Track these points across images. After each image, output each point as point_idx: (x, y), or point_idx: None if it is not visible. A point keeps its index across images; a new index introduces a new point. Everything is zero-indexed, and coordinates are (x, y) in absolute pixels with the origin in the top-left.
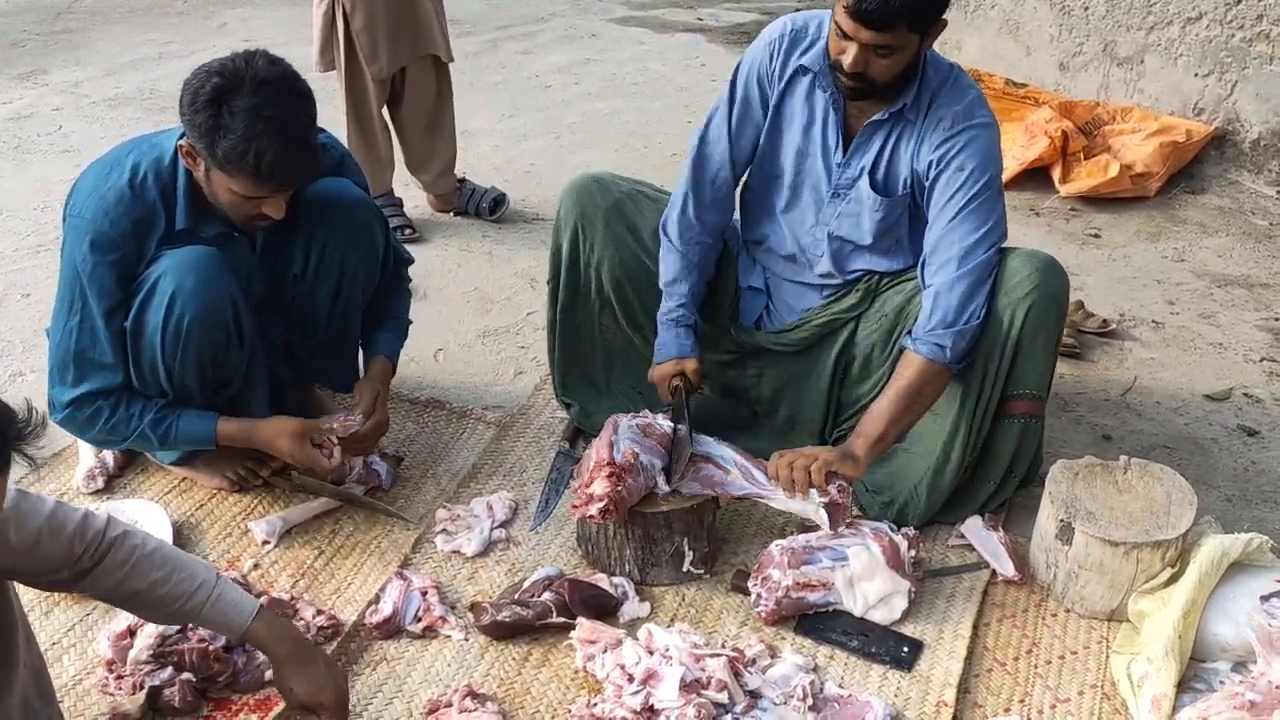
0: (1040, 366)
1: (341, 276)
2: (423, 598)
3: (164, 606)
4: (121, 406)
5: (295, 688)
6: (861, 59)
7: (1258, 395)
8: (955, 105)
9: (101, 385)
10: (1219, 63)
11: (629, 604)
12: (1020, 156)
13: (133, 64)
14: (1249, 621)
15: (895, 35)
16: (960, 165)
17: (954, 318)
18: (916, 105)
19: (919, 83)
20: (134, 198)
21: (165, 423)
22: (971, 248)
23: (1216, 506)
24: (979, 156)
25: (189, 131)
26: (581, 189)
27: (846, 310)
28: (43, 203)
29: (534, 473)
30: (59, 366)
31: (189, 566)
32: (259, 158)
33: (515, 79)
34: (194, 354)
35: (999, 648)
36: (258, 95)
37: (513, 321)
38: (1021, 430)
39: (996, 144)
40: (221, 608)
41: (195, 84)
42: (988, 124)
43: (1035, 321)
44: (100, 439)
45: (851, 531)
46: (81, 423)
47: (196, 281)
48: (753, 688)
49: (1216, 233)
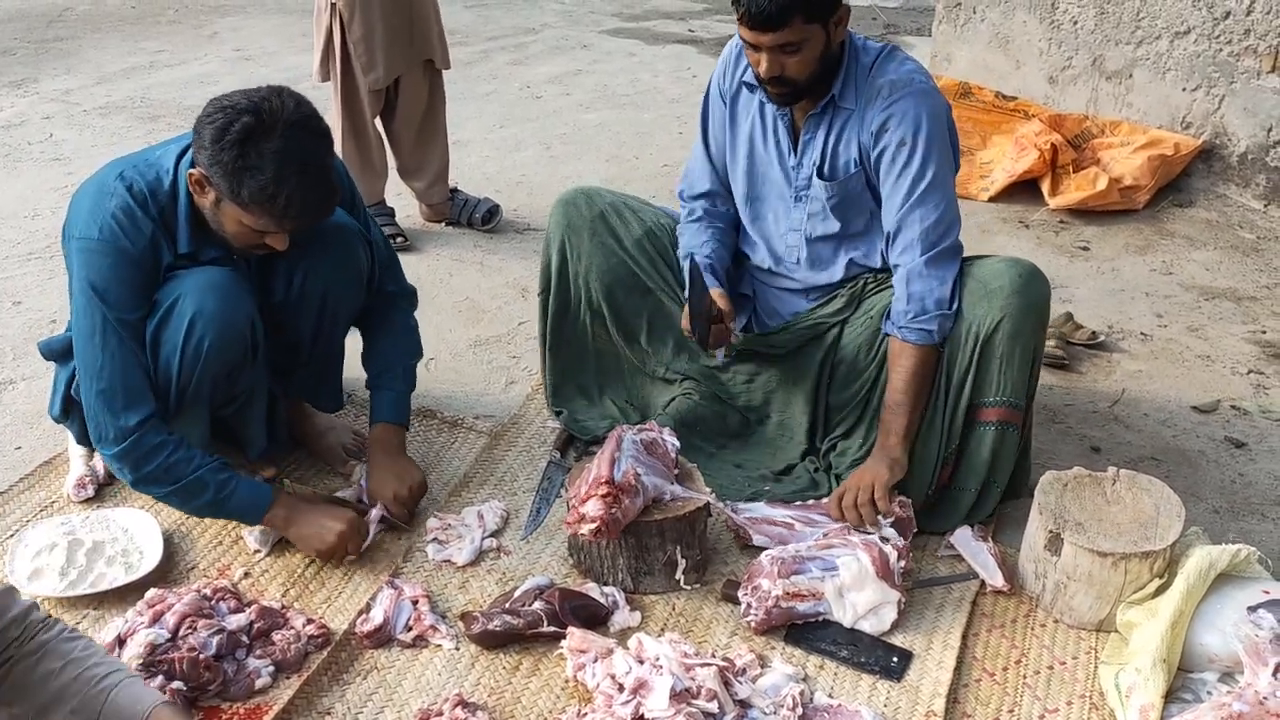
0: (1018, 375)
1: (324, 301)
2: (413, 607)
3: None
4: (183, 447)
5: None
6: (774, 63)
7: (1245, 408)
8: (891, 75)
9: (151, 411)
10: (1206, 77)
11: (619, 613)
12: (1010, 169)
13: (124, 72)
14: (1236, 632)
15: (794, 30)
16: (902, 138)
17: (934, 305)
18: (847, 91)
19: (846, 70)
20: (144, 214)
21: (226, 474)
22: (933, 227)
23: (1204, 518)
24: (919, 124)
25: (208, 165)
26: (569, 202)
27: (832, 314)
28: (33, 211)
29: (525, 482)
30: (107, 396)
31: (106, 657)
32: (288, 201)
33: (507, 89)
34: (210, 375)
35: (988, 658)
36: (287, 139)
37: (504, 331)
38: (997, 438)
39: (936, 109)
40: (130, 694)
41: (221, 120)
42: (926, 90)
43: (1013, 329)
44: (152, 476)
45: (841, 542)
46: (144, 453)
47: (217, 304)
48: (742, 697)
49: (1204, 246)
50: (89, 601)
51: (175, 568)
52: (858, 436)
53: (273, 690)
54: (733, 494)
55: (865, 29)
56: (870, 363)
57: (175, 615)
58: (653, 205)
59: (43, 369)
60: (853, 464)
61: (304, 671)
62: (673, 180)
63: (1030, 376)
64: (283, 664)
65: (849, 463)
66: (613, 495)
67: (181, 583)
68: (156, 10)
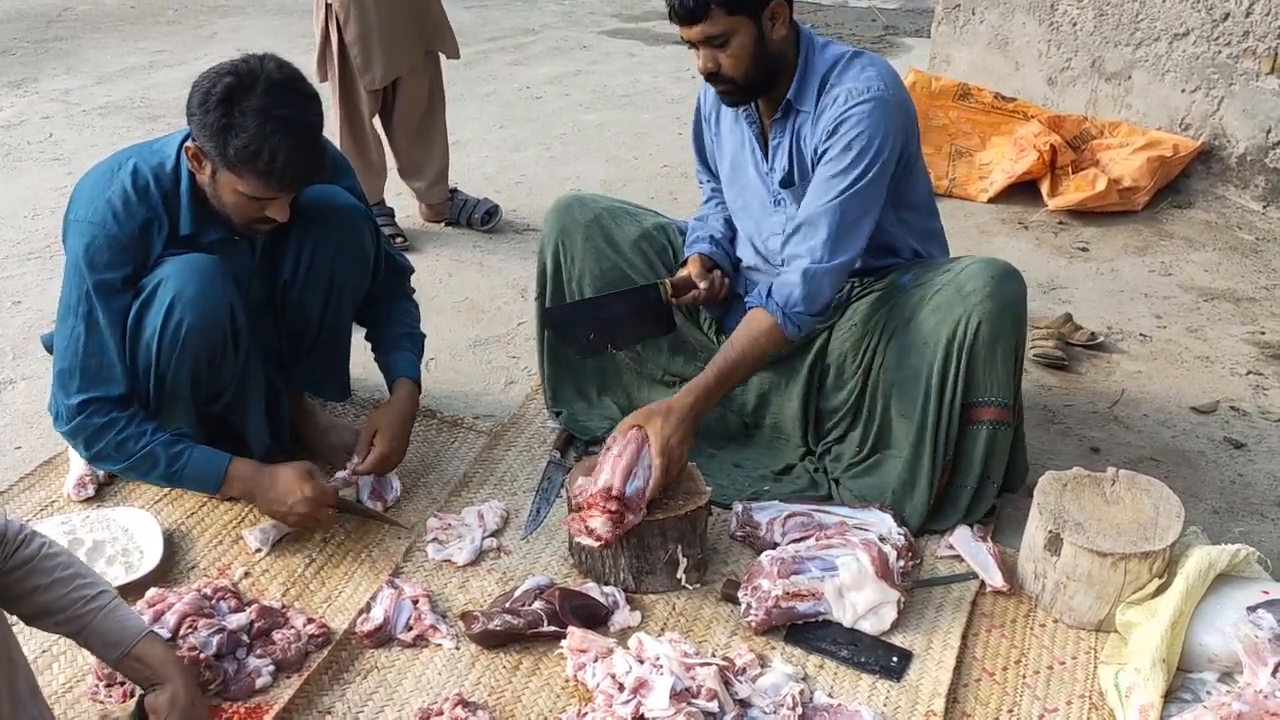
0: (1002, 375)
1: (331, 283)
2: (414, 606)
3: (58, 610)
4: (135, 421)
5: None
6: (708, 58)
7: (1244, 409)
8: (849, 83)
9: (109, 392)
10: (1206, 78)
11: (619, 613)
12: (1009, 170)
13: (123, 72)
14: (1236, 632)
15: (716, 21)
16: (848, 143)
17: (819, 309)
18: (804, 94)
19: (802, 73)
20: (139, 200)
21: (179, 445)
22: (843, 235)
23: (1203, 519)
24: (865, 132)
25: (198, 132)
26: (564, 207)
27: None
28: (33, 210)
29: (525, 482)
30: (65, 374)
31: (92, 575)
32: (271, 157)
33: (506, 90)
34: (189, 361)
35: (987, 658)
36: (269, 96)
37: (504, 331)
38: (990, 437)
39: (891, 122)
40: (116, 619)
41: (205, 84)
42: (883, 100)
43: (992, 331)
44: (104, 453)
45: (841, 542)
46: (91, 432)
47: (196, 289)
48: (743, 696)
49: (1203, 247)
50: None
51: (175, 567)
52: (852, 441)
53: (273, 689)
54: (733, 494)
55: (865, 30)
56: (857, 370)
57: (175, 614)
58: (647, 209)
59: (43, 369)
60: (849, 467)
61: (304, 671)
62: (672, 181)
63: (1015, 373)
64: (283, 663)
65: (844, 466)
66: (620, 513)
67: (182, 582)
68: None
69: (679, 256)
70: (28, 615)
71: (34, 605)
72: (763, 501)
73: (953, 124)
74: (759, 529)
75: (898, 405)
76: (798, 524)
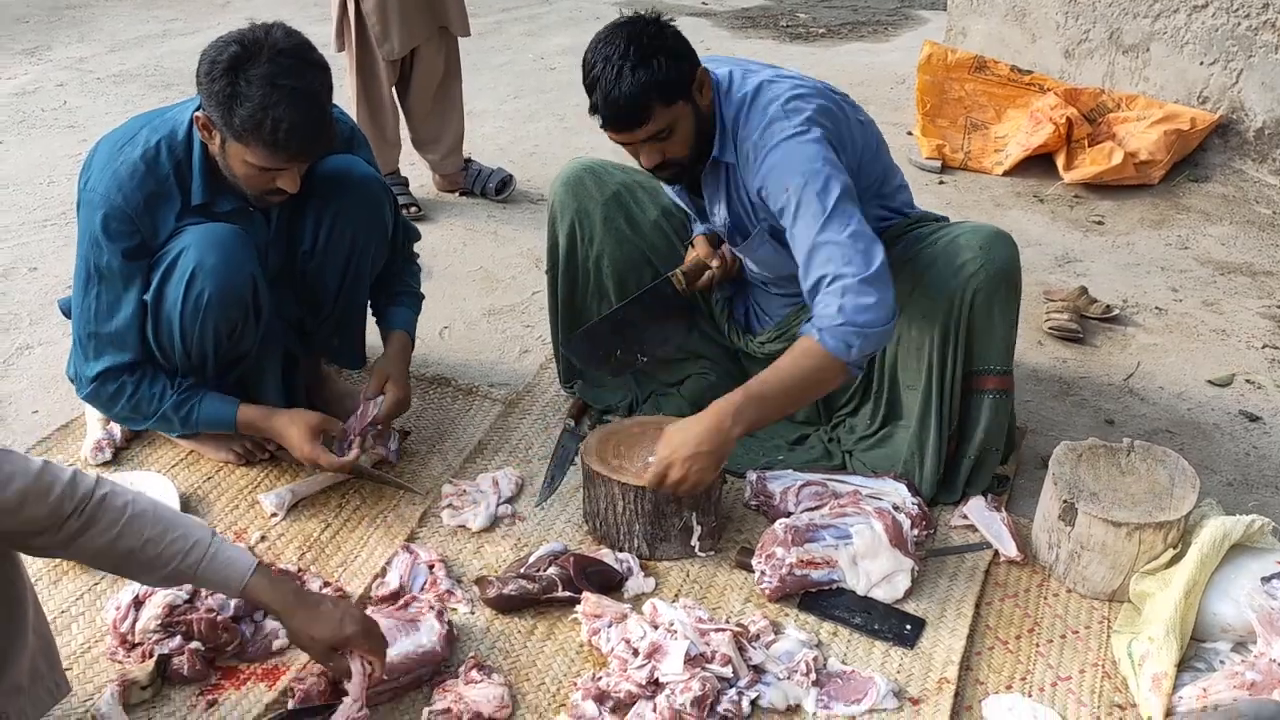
0: (1000, 342)
1: (350, 253)
2: (429, 571)
3: (159, 567)
4: (144, 384)
5: (315, 633)
6: (653, 152)
7: (1259, 381)
8: (752, 135)
9: (120, 360)
10: (1225, 51)
11: (633, 579)
12: (1024, 143)
13: (137, 40)
14: (1250, 602)
15: (658, 119)
16: (785, 196)
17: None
18: (725, 147)
19: (720, 128)
20: (147, 172)
21: (188, 405)
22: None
23: (1218, 491)
24: (791, 174)
25: (205, 101)
26: (575, 181)
27: None
28: (48, 177)
29: (540, 449)
30: (81, 342)
31: (183, 525)
32: (275, 126)
33: (520, 61)
34: (211, 329)
35: (1001, 626)
36: (275, 64)
37: (518, 301)
38: (993, 406)
39: (805, 149)
40: (218, 565)
41: (212, 53)
42: (786, 136)
43: (986, 299)
44: (123, 416)
45: (855, 510)
46: (106, 399)
47: (218, 259)
48: (756, 662)
49: (1220, 221)
50: None
51: None
52: (864, 415)
53: (290, 651)
54: (747, 462)
55: (880, 3)
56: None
57: None
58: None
59: (59, 333)
60: (861, 439)
61: None
62: None
63: (1012, 340)
64: None
65: (857, 438)
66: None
67: None
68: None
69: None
70: (137, 570)
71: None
72: (777, 471)
73: (968, 97)
74: (773, 498)
75: (904, 377)
76: (812, 493)
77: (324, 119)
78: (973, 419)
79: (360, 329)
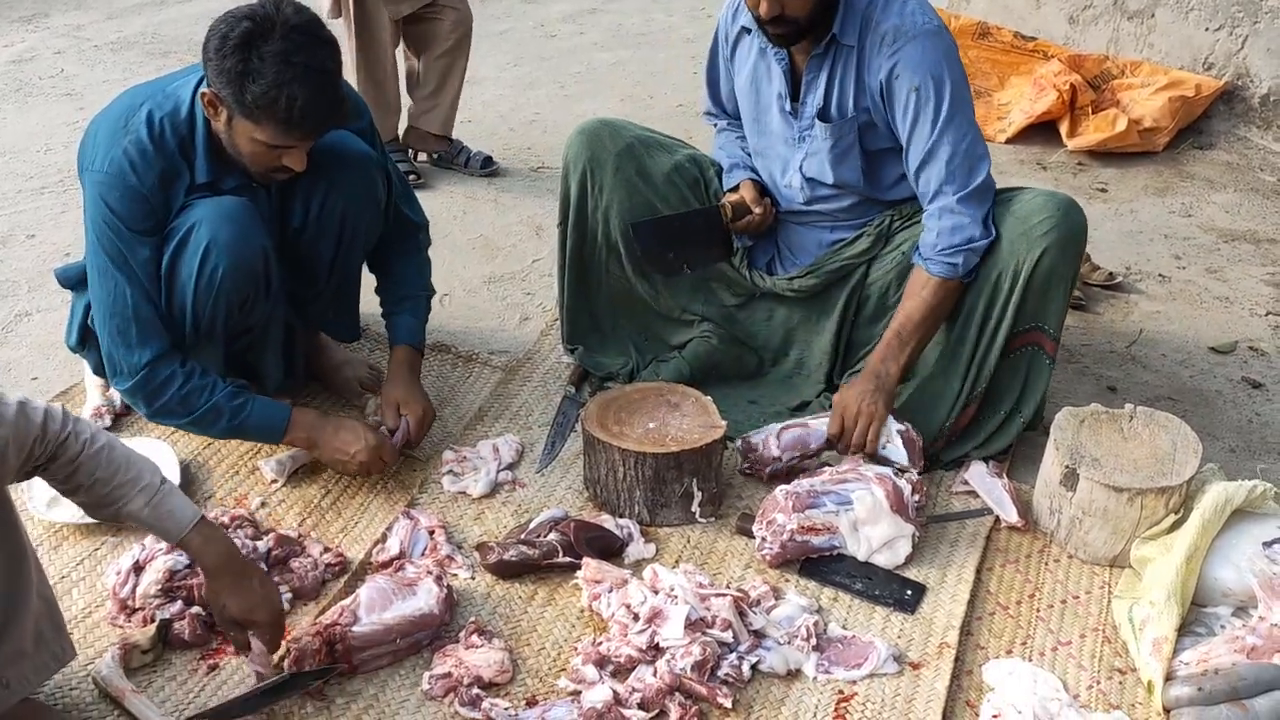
0: (1059, 305)
1: (342, 229)
2: (429, 537)
3: (105, 505)
4: (197, 374)
5: (228, 604)
6: (774, 2)
7: (1263, 349)
8: (893, 19)
9: (164, 347)
10: (1230, 17)
11: (634, 545)
12: (1028, 110)
13: (135, 8)
14: (1251, 567)
15: None
16: (915, 85)
17: (962, 240)
18: (847, 29)
19: (846, 6)
20: (156, 151)
21: (241, 397)
22: (961, 165)
23: (1220, 457)
24: (928, 67)
25: (214, 78)
26: (591, 132)
27: (858, 255)
28: (45, 145)
29: (540, 416)
30: (119, 331)
31: (134, 468)
32: (289, 104)
33: (520, 28)
34: (224, 304)
35: (1001, 592)
36: (288, 41)
37: (518, 268)
38: (1029, 362)
39: (944, 48)
40: (160, 514)
41: (222, 29)
42: (931, 30)
43: (1054, 260)
44: (167, 408)
45: (855, 476)
46: (155, 387)
47: (231, 234)
48: (757, 627)
49: (1224, 188)
50: (107, 529)
51: (193, 496)
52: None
53: (290, 616)
54: (748, 429)
55: None
56: (899, 298)
57: None
58: (677, 140)
59: (58, 301)
60: None
61: (321, 599)
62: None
63: (1066, 305)
64: (300, 591)
65: None
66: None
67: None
68: None
69: (710, 189)
70: (84, 505)
71: (85, 497)
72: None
73: (971, 63)
74: (756, 449)
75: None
76: (793, 437)
77: (336, 96)
78: (1005, 376)
79: (354, 303)
